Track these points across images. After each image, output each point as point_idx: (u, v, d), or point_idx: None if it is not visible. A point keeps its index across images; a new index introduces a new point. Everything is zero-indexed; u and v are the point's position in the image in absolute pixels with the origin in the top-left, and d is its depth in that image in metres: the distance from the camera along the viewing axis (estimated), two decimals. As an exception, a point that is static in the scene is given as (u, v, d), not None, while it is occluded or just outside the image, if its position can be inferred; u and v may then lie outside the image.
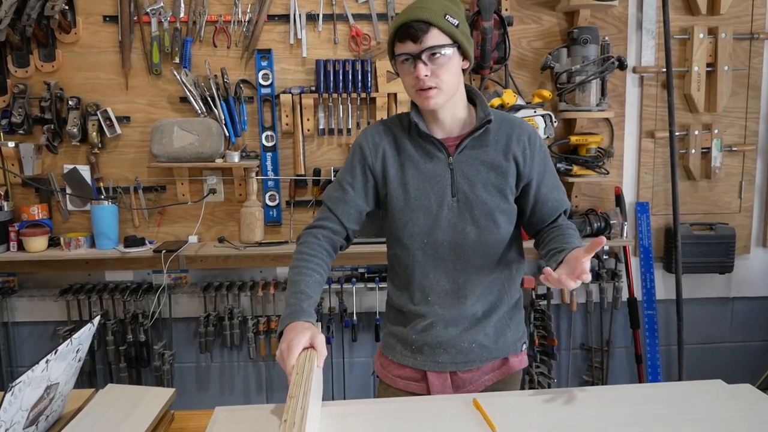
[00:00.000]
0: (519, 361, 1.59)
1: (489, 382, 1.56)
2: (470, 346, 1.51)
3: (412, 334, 1.54)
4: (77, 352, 1.32)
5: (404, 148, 1.48)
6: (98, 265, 2.73)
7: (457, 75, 1.41)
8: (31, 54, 2.55)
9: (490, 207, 1.45)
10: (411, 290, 1.53)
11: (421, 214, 1.45)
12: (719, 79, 2.74)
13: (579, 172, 2.67)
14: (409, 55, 1.35)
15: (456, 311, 1.50)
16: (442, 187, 1.45)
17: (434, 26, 1.33)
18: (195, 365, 2.86)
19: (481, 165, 1.45)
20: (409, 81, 1.39)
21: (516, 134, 1.47)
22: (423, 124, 1.46)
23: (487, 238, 1.46)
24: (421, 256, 1.48)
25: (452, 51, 1.37)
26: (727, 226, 2.83)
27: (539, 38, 2.71)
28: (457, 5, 1.41)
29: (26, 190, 2.66)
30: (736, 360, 3.02)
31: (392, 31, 1.38)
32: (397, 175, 1.47)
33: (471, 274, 1.48)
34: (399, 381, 1.58)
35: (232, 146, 2.65)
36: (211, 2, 2.58)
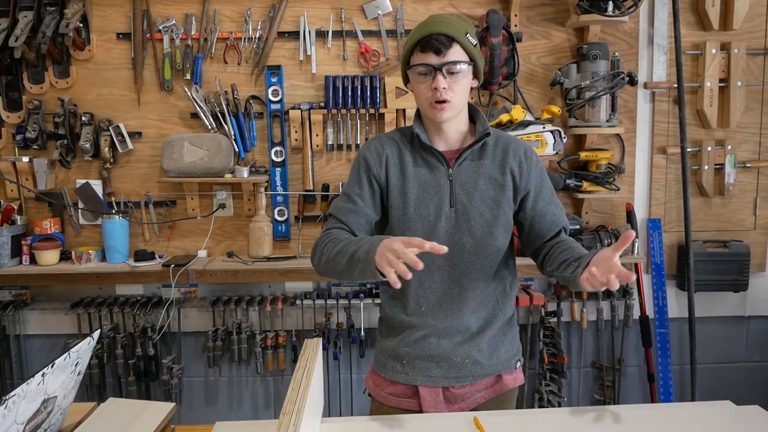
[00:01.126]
0: (513, 379, 1.59)
1: (482, 400, 1.55)
2: (463, 360, 1.51)
3: (404, 347, 1.54)
4: (76, 365, 1.33)
5: (406, 159, 1.51)
6: (109, 279, 2.76)
7: (467, 92, 1.46)
8: (46, 71, 2.60)
9: (487, 218, 1.47)
10: (405, 300, 1.53)
11: (419, 223, 1.48)
12: (732, 95, 2.71)
13: (589, 189, 2.65)
14: (430, 66, 1.38)
15: (449, 323, 1.50)
16: (441, 198, 1.48)
17: (457, 42, 1.38)
18: (203, 379, 2.86)
19: (479, 177, 1.48)
20: (424, 91, 1.42)
21: (512, 149, 1.51)
22: (425, 136, 1.49)
23: (483, 250, 1.48)
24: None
25: (469, 68, 1.42)
26: (742, 244, 2.78)
27: (549, 54, 2.70)
28: (470, 25, 1.46)
29: (39, 205, 2.70)
30: (752, 380, 2.95)
31: (414, 41, 1.40)
32: (398, 184, 1.50)
33: (466, 285, 1.49)
34: (391, 399, 1.57)
35: (241, 161, 2.67)
36: (222, 19, 2.62)
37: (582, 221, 2.71)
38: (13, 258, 2.56)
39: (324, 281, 2.80)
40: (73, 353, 1.31)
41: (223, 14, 2.62)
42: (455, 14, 1.50)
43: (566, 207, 2.79)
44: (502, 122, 2.56)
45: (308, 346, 1.40)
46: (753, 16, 2.71)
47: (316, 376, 1.34)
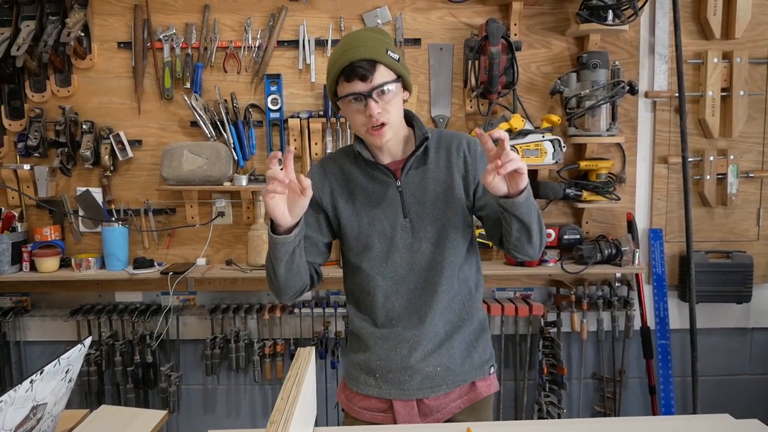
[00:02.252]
0: (487, 386, 1.57)
1: (457, 410, 1.54)
2: (436, 369, 1.50)
3: (377, 360, 1.53)
4: (67, 372, 1.32)
5: (353, 178, 1.50)
6: (108, 286, 2.77)
7: (401, 106, 1.44)
8: (48, 79, 2.62)
9: (442, 222, 1.47)
10: (374, 315, 1.53)
11: (376, 238, 1.48)
12: (734, 104, 2.69)
13: (589, 198, 2.63)
14: (360, 95, 1.35)
15: (419, 331, 1.49)
16: (394, 210, 1.47)
17: (380, 63, 1.34)
18: (202, 387, 2.86)
19: (427, 182, 1.48)
20: (359, 120, 1.39)
21: (455, 145, 1.49)
22: (367, 153, 1.48)
23: (442, 253, 1.47)
24: (381, 281, 1.49)
25: (397, 86, 1.39)
26: (745, 255, 2.75)
27: (549, 63, 2.69)
28: (388, 37, 1.44)
29: (40, 212, 2.72)
30: (756, 393, 2.91)
31: (337, 71, 1.36)
32: (348, 205, 1.50)
33: (430, 292, 1.48)
34: (365, 413, 1.55)
35: (240, 170, 2.68)
36: (222, 28, 2.63)
37: (582, 231, 2.69)
38: (13, 265, 2.58)
39: (322, 290, 2.79)
40: (63, 360, 1.30)
41: (223, 23, 2.63)
42: (370, 30, 1.44)
43: (566, 216, 2.77)
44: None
45: (300, 355, 1.39)
46: (755, 24, 2.68)
47: (308, 386, 1.33)
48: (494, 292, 2.83)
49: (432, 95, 2.68)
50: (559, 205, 2.76)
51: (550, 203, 2.73)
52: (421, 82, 2.67)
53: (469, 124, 2.70)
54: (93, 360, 2.67)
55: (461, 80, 2.68)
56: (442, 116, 2.68)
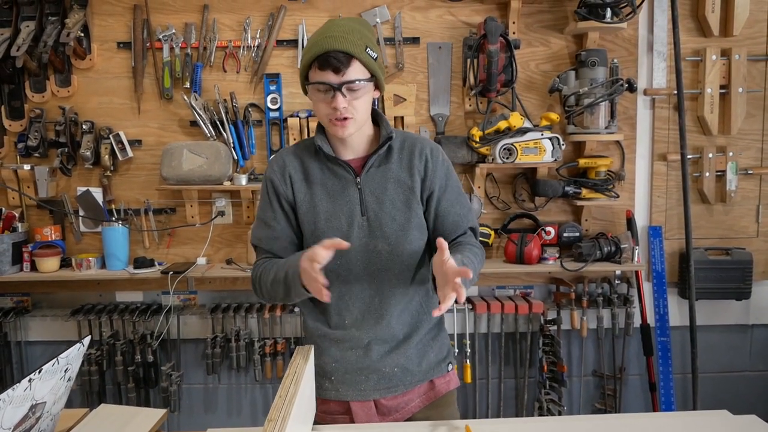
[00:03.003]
0: (446, 383, 1.56)
1: (416, 409, 1.53)
2: (393, 370, 1.49)
3: (331, 362, 1.51)
4: (66, 371, 1.33)
5: (312, 172, 1.48)
6: (109, 286, 2.78)
7: (370, 105, 1.43)
8: (48, 80, 2.63)
9: (400, 222, 1.45)
10: (327, 314, 1.50)
11: (331, 235, 1.43)
12: (733, 101, 2.69)
13: (588, 196, 2.64)
14: (329, 85, 1.34)
15: (374, 333, 1.48)
16: (352, 207, 1.45)
17: (356, 59, 1.33)
18: (203, 386, 2.87)
19: (387, 182, 1.46)
20: (323, 109, 1.38)
21: (418, 149, 1.48)
22: (328, 147, 1.46)
23: (399, 254, 1.46)
24: (335, 279, 1.45)
25: (369, 84, 1.38)
26: (744, 251, 2.75)
27: (547, 61, 2.70)
28: (371, 32, 1.42)
29: (41, 212, 2.72)
30: (756, 390, 2.91)
31: (311, 57, 1.34)
32: (306, 199, 1.47)
33: (387, 293, 1.47)
34: (326, 416, 1.54)
35: (240, 169, 2.68)
36: (221, 28, 2.64)
37: (581, 228, 2.69)
38: (14, 265, 2.58)
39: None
40: (61, 359, 1.31)
41: (222, 23, 2.64)
42: (356, 21, 1.42)
43: (565, 214, 2.77)
44: (501, 129, 2.56)
45: (299, 353, 1.39)
46: (753, 22, 2.69)
47: (307, 383, 1.33)
48: (494, 290, 2.84)
49: (431, 94, 2.69)
50: (559, 203, 2.76)
51: (549, 201, 2.73)
52: (420, 80, 2.68)
53: (468, 123, 2.71)
54: (94, 359, 2.67)
55: (460, 79, 2.69)
56: (442, 115, 2.69)
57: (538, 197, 2.72)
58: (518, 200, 2.76)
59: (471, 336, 2.73)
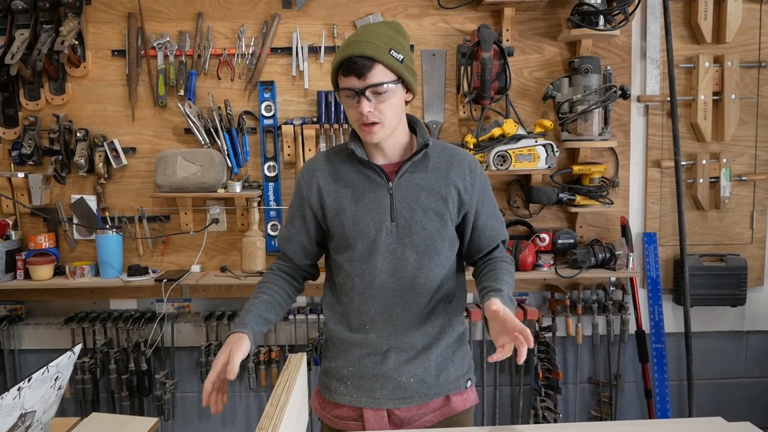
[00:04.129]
0: (463, 400, 1.54)
1: (429, 423, 1.51)
2: (409, 380, 1.47)
3: (348, 366, 1.51)
4: (56, 380, 1.32)
5: (343, 175, 1.48)
6: (103, 294, 2.77)
7: (400, 108, 1.41)
8: (42, 87, 2.63)
9: (430, 232, 1.44)
10: (349, 318, 1.50)
11: (359, 240, 1.45)
12: (726, 108, 2.70)
13: (582, 202, 2.64)
14: (353, 90, 1.34)
15: (393, 341, 1.47)
16: (382, 212, 1.44)
17: (379, 62, 1.32)
18: (197, 395, 2.85)
19: (420, 190, 1.45)
20: (353, 115, 1.39)
21: (457, 161, 1.47)
22: (361, 151, 1.46)
23: (426, 264, 1.45)
24: (359, 282, 1.46)
25: (396, 87, 1.37)
26: (739, 258, 2.75)
27: (541, 68, 2.71)
28: (403, 36, 1.41)
29: (34, 220, 2.72)
30: (752, 396, 2.91)
31: (336, 64, 1.36)
32: (334, 203, 1.47)
33: (410, 302, 1.46)
34: (338, 422, 1.54)
35: (234, 176, 2.68)
36: (215, 36, 2.64)
37: (576, 235, 2.69)
38: (7, 273, 2.57)
39: (317, 296, 2.79)
40: (51, 367, 1.30)
41: (216, 31, 2.64)
42: (384, 24, 1.42)
43: (560, 221, 2.78)
44: (494, 136, 2.56)
45: (291, 361, 1.39)
46: (746, 29, 2.70)
47: (298, 392, 1.33)
48: (489, 297, 2.83)
49: (425, 101, 2.69)
50: (553, 210, 2.76)
51: (543, 208, 2.73)
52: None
53: (462, 130, 2.71)
54: (88, 368, 2.66)
55: (454, 86, 2.69)
56: (436, 122, 2.69)
57: (533, 204, 2.72)
58: (512, 207, 2.76)
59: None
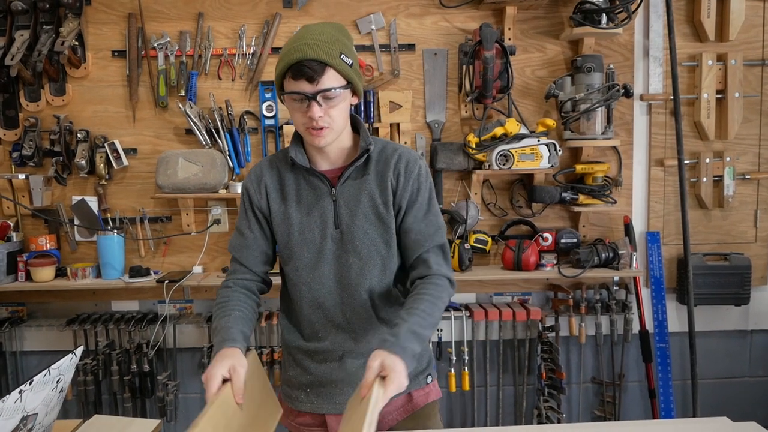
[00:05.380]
0: (425, 395, 1.54)
1: (394, 422, 1.51)
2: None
3: (306, 375, 1.50)
4: (58, 382, 1.32)
5: (287, 183, 1.46)
6: (104, 295, 2.76)
7: (347, 112, 1.39)
8: (43, 89, 2.62)
9: (372, 237, 1.42)
10: (301, 327, 1.49)
11: (305, 248, 1.43)
12: (730, 106, 2.69)
13: (585, 202, 2.63)
14: (303, 95, 1.31)
15: (348, 346, 1.46)
16: (325, 219, 1.43)
17: (330, 67, 1.29)
18: (200, 396, 2.85)
19: (362, 194, 1.43)
20: (299, 119, 1.36)
21: (394, 161, 1.44)
22: (303, 159, 1.44)
23: (370, 270, 1.43)
24: (307, 291, 1.45)
25: (346, 92, 1.35)
26: (742, 257, 2.74)
27: (543, 67, 2.69)
28: (348, 38, 1.39)
29: (36, 221, 2.71)
30: (756, 396, 2.90)
31: (284, 66, 1.31)
32: (280, 210, 1.46)
33: (358, 308, 1.44)
34: (302, 428, 1.53)
35: (236, 177, 2.67)
36: (216, 36, 2.63)
37: (579, 235, 2.68)
38: (9, 275, 2.57)
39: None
40: (53, 370, 1.30)
41: (217, 31, 2.63)
42: (329, 26, 1.37)
43: (563, 220, 2.77)
44: (497, 136, 2.55)
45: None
46: (749, 26, 2.69)
47: (258, 383, 1.32)
48: (491, 297, 2.82)
49: (427, 100, 2.68)
50: (556, 209, 2.75)
51: (546, 207, 2.72)
52: (416, 87, 2.67)
53: (464, 129, 2.70)
54: (90, 369, 2.65)
55: (456, 85, 2.68)
56: (437, 121, 2.68)
57: (535, 203, 2.71)
58: (515, 207, 2.75)
59: (469, 343, 2.72)
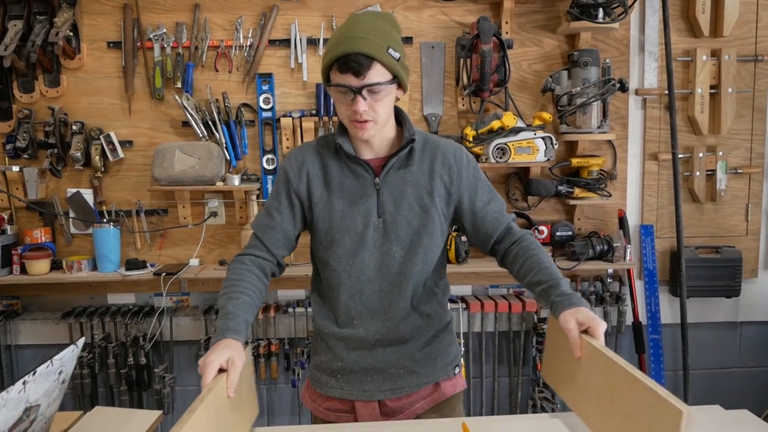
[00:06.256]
0: (452, 386, 1.56)
1: (420, 410, 1.52)
2: (398, 371, 1.49)
3: (337, 361, 1.51)
4: (60, 373, 1.31)
5: (330, 170, 1.46)
6: (100, 288, 2.75)
7: (392, 106, 1.39)
8: (36, 80, 2.59)
9: (416, 227, 1.43)
10: (336, 313, 1.50)
11: (346, 235, 1.43)
12: (723, 101, 2.71)
13: (580, 195, 2.66)
14: (348, 88, 1.31)
15: (382, 334, 1.47)
16: (368, 208, 1.43)
17: (377, 61, 1.29)
18: (196, 389, 2.83)
19: (406, 185, 1.43)
20: (344, 111, 1.36)
21: (441, 153, 1.45)
22: (349, 146, 1.44)
23: (412, 259, 1.44)
24: (346, 278, 1.45)
25: (392, 86, 1.34)
26: (734, 249, 2.78)
27: (540, 61, 2.71)
28: (397, 30, 1.38)
29: (30, 214, 2.69)
30: (746, 386, 2.95)
31: (331, 58, 1.31)
32: (323, 196, 1.46)
33: (396, 296, 1.46)
34: (329, 414, 1.54)
35: (233, 169, 2.66)
36: (212, 27, 2.61)
37: (574, 227, 2.71)
38: (3, 268, 2.55)
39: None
40: (56, 361, 1.29)
41: (213, 22, 2.61)
42: (378, 17, 1.37)
43: (558, 213, 2.79)
44: (494, 129, 2.56)
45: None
46: (743, 22, 2.71)
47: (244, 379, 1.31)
48: (487, 289, 2.85)
49: (424, 94, 2.68)
50: (551, 202, 2.78)
51: (542, 200, 2.74)
52: (413, 80, 2.68)
53: (461, 122, 2.71)
54: (86, 362, 2.65)
55: (453, 78, 2.69)
56: (435, 114, 2.69)
57: (531, 197, 2.73)
58: (511, 200, 2.77)
59: (465, 335, 2.74)
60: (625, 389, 1.04)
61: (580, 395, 1.26)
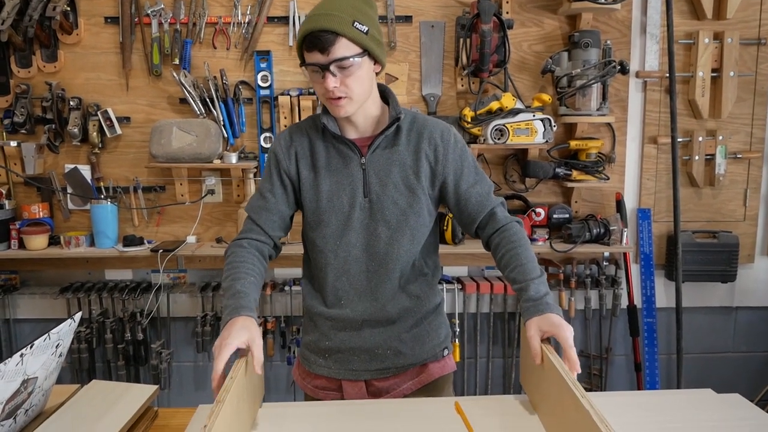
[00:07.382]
0: (441, 368, 1.56)
1: (407, 391, 1.53)
2: (385, 352, 1.49)
3: (325, 341, 1.52)
4: (57, 347, 1.33)
5: (317, 150, 1.46)
6: (98, 264, 2.76)
7: (368, 81, 1.38)
8: (34, 55, 2.58)
9: (402, 206, 1.43)
10: (324, 293, 1.50)
11: (333, 215, 1.44)
12: (724, 85, 2.69)
13: (578, 177, 2.65)
14: (318, 66, 1.31)
15: (369, 314, 1.47)
16: (354, 188, 1.43)
17: (342, 36, 1.28)
18: (193, 364, 2.88)
19: (392, 164, 1.43)
20: (319, 89, 1.36)
21: (427, 132, 1.44)
22: (334, 125, 1.44)
23: (399, 239, 1.44)
24: (333, 258, 1.45)
25: (361, 60, 1.33)
26: (731, 234, 2.78)
27: (540, 42, 2.69)
28: (369, 5, 1.37)
29: (28, 189, 2.69)
30: (738, 370, 2.97)
31: (299, 39, 1.32)
32: (309, 177, 1.46)
33: (384, 277, 1.46)
34: (318, 392, 1.56)
35: (230, 147, 2.66)
36: (210, 4, 2.59)
37: (571, 210, 2.71)
38: (1, 242, 2.56)
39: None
40: (53, 334, 1.31)
41: (212, -2, 2.60)
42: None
43: (555, 196, 2.79)
44: (492, 110, 2.55)
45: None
46: (747, 5, 2.68)
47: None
48: (483, 270, 2.85)
49: (423, 73, 2.67)
50: (549, 185, 2.77)
51: (539, 182, 2.74)
52: (413, 59, 2.66)
53: (460, 103, 2.70)
54: (84, 337, 2.67)
55: (452, 58, 2.67)
56: (433, 94, 2.67)
57: (529, 178, 2.72)
58: (509, 181, 2.76)
59: (460, 316, 2.76)
60: (571, 406, 1.06)
61: (541, 402, 1.28)
